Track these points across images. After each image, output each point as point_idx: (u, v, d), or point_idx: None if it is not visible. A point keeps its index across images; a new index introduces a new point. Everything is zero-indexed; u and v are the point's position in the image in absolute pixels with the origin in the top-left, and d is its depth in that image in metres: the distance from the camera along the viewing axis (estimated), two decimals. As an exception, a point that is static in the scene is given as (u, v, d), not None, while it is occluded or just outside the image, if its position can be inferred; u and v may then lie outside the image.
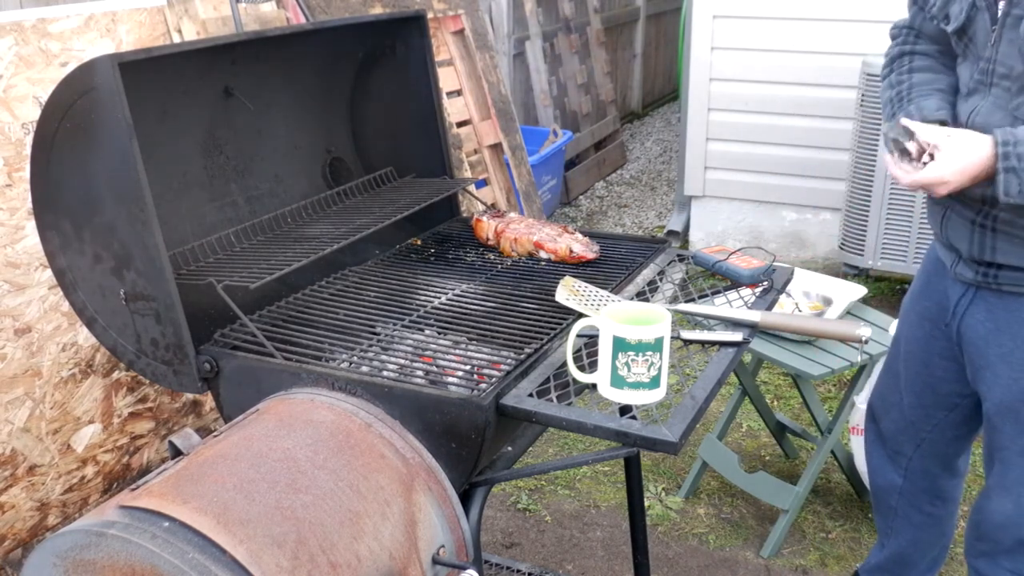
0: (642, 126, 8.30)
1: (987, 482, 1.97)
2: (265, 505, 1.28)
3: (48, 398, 2.34)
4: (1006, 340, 1.80)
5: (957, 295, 1.88)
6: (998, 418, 1.87)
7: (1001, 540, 1.95)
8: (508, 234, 2.14)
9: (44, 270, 2.31)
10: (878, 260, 4.29)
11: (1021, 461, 1.86)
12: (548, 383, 1.52)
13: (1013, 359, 1.79)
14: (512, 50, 5.93)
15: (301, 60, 2.16)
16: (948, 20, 1.78)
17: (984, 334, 1.83)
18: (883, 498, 2.27)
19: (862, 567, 2.44)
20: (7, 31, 2.29)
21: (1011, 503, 1.90)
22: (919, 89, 1.86)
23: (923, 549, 2.26)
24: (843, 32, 4.39)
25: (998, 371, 1.83)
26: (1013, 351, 1.79)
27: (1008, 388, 1.82)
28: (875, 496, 2.31)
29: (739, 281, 1.91)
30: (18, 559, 2.33)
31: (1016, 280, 1.76)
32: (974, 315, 1.85)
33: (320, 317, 1.83)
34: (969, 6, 1.71)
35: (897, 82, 1.91)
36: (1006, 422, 1.86)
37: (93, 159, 1.57)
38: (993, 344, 1.82)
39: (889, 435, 2.20)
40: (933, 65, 1.90)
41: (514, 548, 2.82)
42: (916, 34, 1.95)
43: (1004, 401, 1.84)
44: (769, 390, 3.66)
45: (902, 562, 2.29)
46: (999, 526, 1.94)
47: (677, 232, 5.24)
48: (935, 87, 1.85)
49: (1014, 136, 1.58)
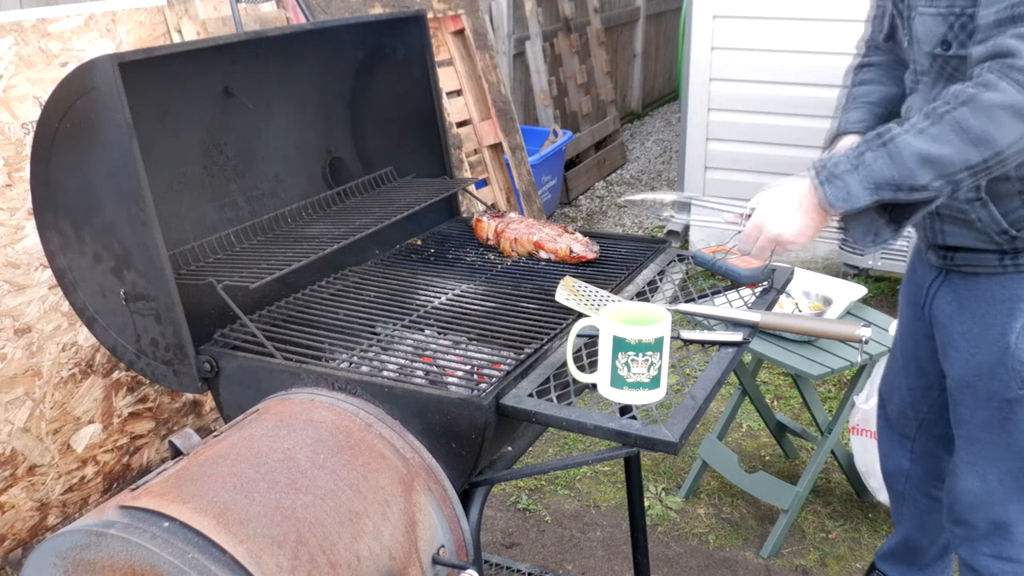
0: (642, 126, 8.30)
1: (953, 460, 2.01)
2: (265, 505, 1.28)
3: (48, 398, 2.34)
4: (967, 318, 1.86)
5: (930, 279, 1.96)
6: (958, 393, 1.92)
7: (975, 523, 1.97)
8: (508, 234, 2.15)
9: (44, 270, 2.31)
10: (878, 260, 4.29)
11: (981, 435, 1.90)
12: (548, 383, 1.52)
13: (971, 335, 1.85)
14: (512, 50, 5.93)
15: (301, 60, 2.16)
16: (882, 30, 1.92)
17: (950, 313, 1.90)
18: (892, 484, 2.32)
19: (878, 553, 2.46)
20: (7, 31, 2.29)
21: (977, 480, 1.94)
22: (853, 102, 1.97)
23: (930, 535, 2.30)
24: (843, 32, 4.38)
25: (959, 347, 1.88)
26: (971, 328, 1.85)
27: (966, 363, 1.87)
28: (886, 483, 2.36)
29: (738, 281, 1.92)
30: (18, 559, 2.33)
31: (971, 260, 1.82)
32: (943, 296, 1.91)
33: (320, 317, 1.83)
34: (891, 16, 1.85)
35: (843, 94, 2.03)
36: (965, 396, 1.91)
37: (93, 159, 1.57)
38: (956, 322, 1.88)
39: (894, 418, 2.26)
40: (877, 76, 2.00)
41: (514, 548, 2.82)
42: (874, 46, 2.04)
43: (962, 376, 1.90)
44: (769, 390, 3.66)
45: (911, 548, 2.33)
46: (969, 506, 1.97)
47: (677, 232, 5.24)
48: (867, 99, 1.96)
49: (826, 157, 1.62)
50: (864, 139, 1.61)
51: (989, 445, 1.90)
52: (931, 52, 1.68)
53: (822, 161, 1.62)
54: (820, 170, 1.60)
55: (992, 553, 1.96)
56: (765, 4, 4.62)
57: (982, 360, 1.84)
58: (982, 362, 1.84)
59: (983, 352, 1.84)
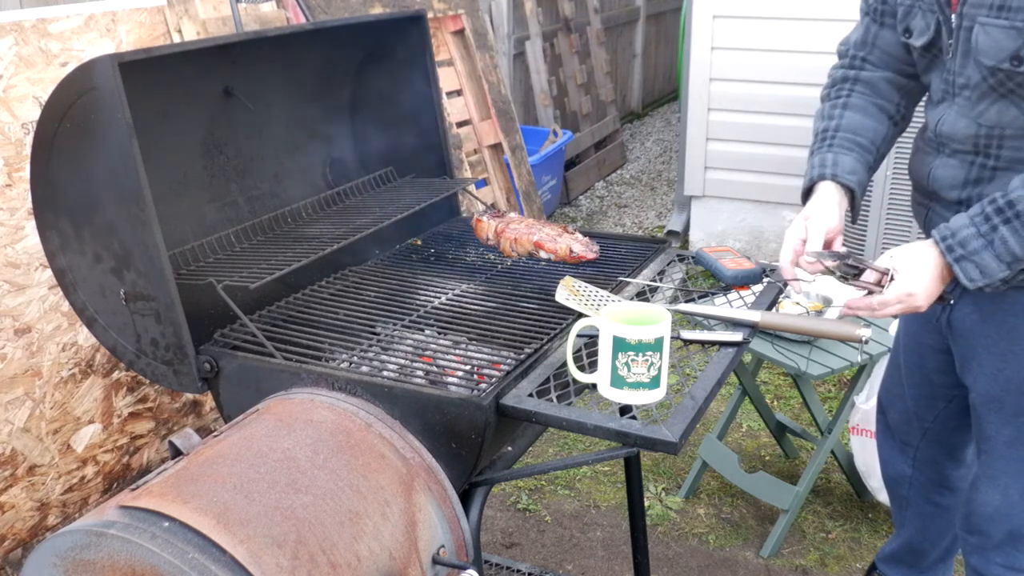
0: (642, 126, 8.30)
1: (975, 473, 1.99)
2: (265, 505, 1.28)
3: (48, 398, 2.34)
4: (991, 331, 1.82)
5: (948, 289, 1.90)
6: (983, 408, 1.89)
7: (991, 533, 1.96)
8: (508, 234, 2.14)
9: (44, 270, 2.31)
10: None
11: (1008, 452, 1.88)
12: (548, 383, 1.52)
13: (997, 349, 1.82)
14: (512, 50, 5.93)
15: (301, 60, 2.16)
16: (910, 34, 1.79)
17: (971, 326, 1.86)
18: (894, 488, 2.32)
19: (879, 555, 2.46)
20: (7, 31, 2.29)
21: (999, 494, 1.92)
22: (843, 137, 1.86)
23: (933, 539, 2.29)
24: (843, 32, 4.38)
25: (983, 361, 1.85)
26: (997, 341, 1.81)
27: (993, 378, 1.84)
28: (887, 487, 2.35)
29: (723, 282, 1.92)
30: (18, 559, 2.33)
31: None
32: (962, 308, 1.87)
33: (320, 317, 1.83)
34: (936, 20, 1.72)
35: (828, 116, 1.92)
36: (991, 412, 1.88)
37: (93, 159, 1.57)
38: (979, 335, 1.84)
39: (896, 426, 2.24)
40: (867, 106, 1.90)
41: (514, 548, 2.82)
42: (864, 56, 1.94)
43: (989, 391, 1.86)
44: (769, 390, 3.66)
45: (914, 551, 2.33)
46: (988, 518, 1.95)
47: (677, 232, 5.24)
48: (858, 140, 1.86)
49: (949, 229, 1.64)
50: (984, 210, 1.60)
51: (1015, 461, 1.88)
52: (995, 66, 1.60)
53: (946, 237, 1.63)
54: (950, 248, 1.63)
55: (1004, 563, 1.95)
56: (765, 4, 4.62)
57: (1011, 375, 1.81)
58: (1011, 377, 1.81)
59: (1012, 367, 1.80)
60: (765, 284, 1.94)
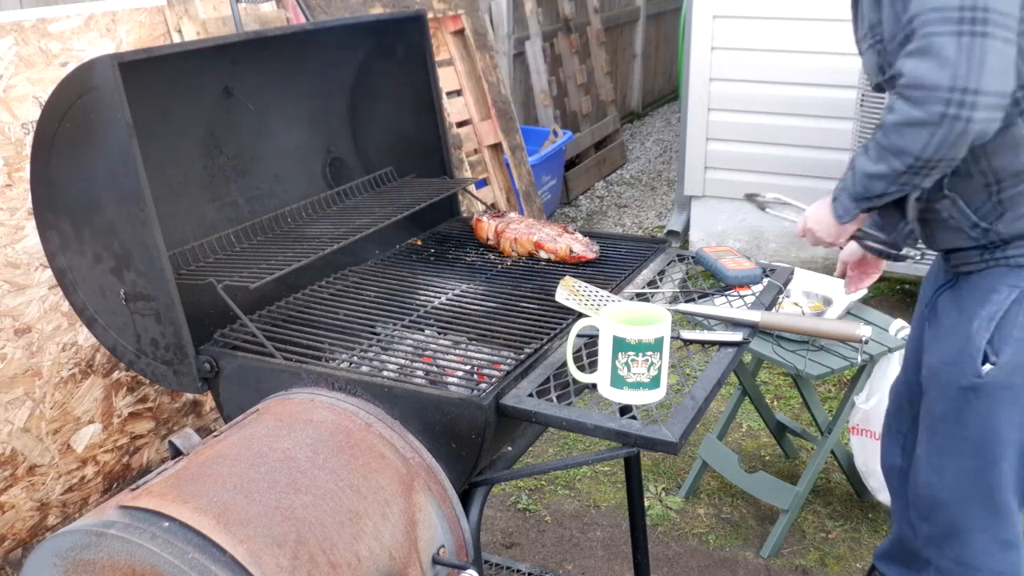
0: (642, 126, 8.30)
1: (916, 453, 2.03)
2: (265, 505, 1.28)
3: (48, 398, 2.34)
4: (954, 312, 1.90)
5: (942, 281, 1.99)
6: (926, 383, 1.95)
7: (935, 521, 1.98)
8: (508, 234, 2.15)
9: (44, 270, 2.31)
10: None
11: (940, 427, 1.92)
12: (548, 383, 1.52)
13: (957, 329, 1.88)
14: (512, 50, 5.93)
15: (301, 60, 2.16)
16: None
17: (942, 309, 1.94)
18: (890, 480, 2.33)
19: (876, 553, 2.46)
20: (7, 31, 2.29)
21: (933, 473, 1.96)
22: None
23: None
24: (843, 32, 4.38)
25: (942, 339, 1.92)
26: (957, 321, 1.88)
27: (941, 353, 1.90)
28: (886, 479, 2.37)
29: (723, 282, 1.93)
30: (18, 559, 2.33)
31: (962, 259, 1.88)
32: (946, 295, 1.96)
33: (320, 317, 1.83)
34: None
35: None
36: (931, 386, 1.93)
37: (93, 159, 1.57)
38: (946, 317, 1.92)
39: (891, 413, 2.28)
40: None
41: (514, 548, 2.82)
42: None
43: (931, 365, 1.93)
44: (769, 390, 3.66)
45: (906, 549, 2.32)
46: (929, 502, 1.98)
47: (677, 232, 5.24)
48: None
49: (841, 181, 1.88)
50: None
51: (948, 439, 1.91)
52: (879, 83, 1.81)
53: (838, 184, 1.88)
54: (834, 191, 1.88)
55: (953, 557, 1.97)
56: (765, 4, 4.62)
57: (950, 346, 1.87)
58: (949, 349, 1.87)
59: (956, 340, 1.86)
60: (765, 284, 1.94)
